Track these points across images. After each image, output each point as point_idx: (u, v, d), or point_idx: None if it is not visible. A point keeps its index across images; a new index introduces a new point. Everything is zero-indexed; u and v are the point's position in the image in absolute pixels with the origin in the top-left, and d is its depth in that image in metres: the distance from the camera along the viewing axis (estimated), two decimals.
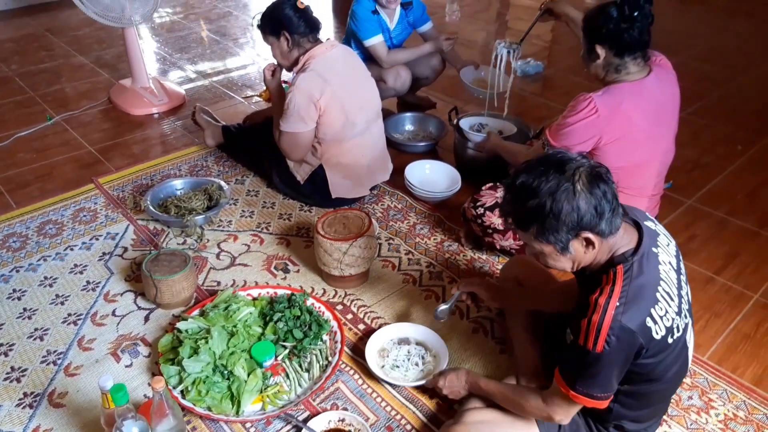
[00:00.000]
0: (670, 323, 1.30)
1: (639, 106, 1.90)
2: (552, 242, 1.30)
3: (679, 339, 1.35)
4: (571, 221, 1.26)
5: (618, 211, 1.29)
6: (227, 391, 1.74)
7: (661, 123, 1.99)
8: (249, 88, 3.75)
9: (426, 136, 3.17)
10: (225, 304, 1.98)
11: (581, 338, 1.28)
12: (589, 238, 1.28)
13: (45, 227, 2.47)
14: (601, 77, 1.98)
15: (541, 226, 1.29)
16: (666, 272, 1.34)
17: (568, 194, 1.24)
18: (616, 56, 1.90)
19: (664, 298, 1.30)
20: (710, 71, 4.16)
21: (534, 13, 5.33)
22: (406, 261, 2.34)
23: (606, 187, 1.26)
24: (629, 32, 1.85)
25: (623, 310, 1.25)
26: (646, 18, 1.87)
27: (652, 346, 1.29)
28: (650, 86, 1.92)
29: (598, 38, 1.90)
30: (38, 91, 3.64)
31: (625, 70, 1.92)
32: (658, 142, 2.01)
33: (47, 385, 1.82)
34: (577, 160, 1.29)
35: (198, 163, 2.92)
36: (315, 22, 2.40)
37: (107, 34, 4.41)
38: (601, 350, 1.25)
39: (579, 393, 1.33)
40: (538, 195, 1.26)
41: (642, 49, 1.90)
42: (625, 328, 1.25)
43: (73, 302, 2.11)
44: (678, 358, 1.39)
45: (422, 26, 3.21)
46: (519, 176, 1.31)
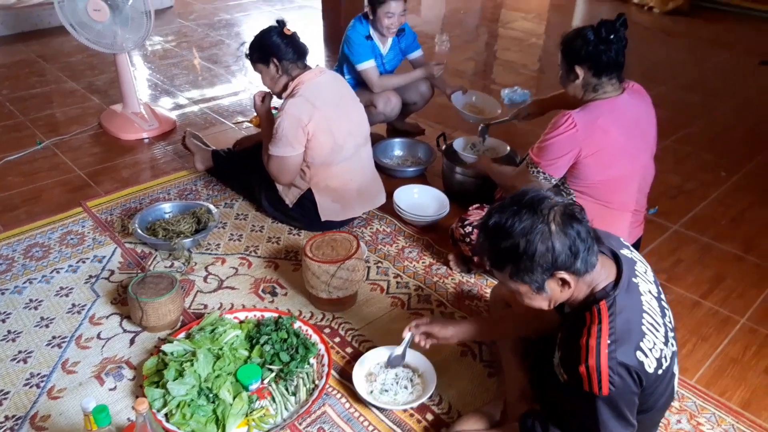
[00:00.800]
0: (659, 354, 1.28)
1: (615, 121, 1.99)
2: (527, 282, 1.29)
3: (668, 369, 1.33)
4: (545, 262, 1.24)
5: (593, 249, 1.27)
6: (212, 415, 1.72)
7: (637, 138, 2.06)
8: (240, 114, 3.78)
9: (415, 161, 3.20)
10: (211, 327, 1.96)
11: (585, 385, 1.25)
12: (565, 278, 1.27)
13: (32, 250, 2.45)
14: (579, 97, 2.07)
15: (515, 266, 1.27)
16: (648, 302, 1.32)
17: (542, 235, 1.23)
18: (594, 76, 2.00)
19: (650, 330, 1.28)
20: (693, 100, 4.25)
21: (523, 44, 5.45)
22: (394, 284, 2.34)
23: (580, 227, 1.25)
24: (607, 53, 1.95)
25: (616, 349, 1.23)
26: (621, 41, 1.97)
27: (648, 381, 1.27)
28: (624, 104, 2.02)
29: (577, 59, 2.00)
30: (29, 116, 3.64)
31: (602, 89, 2.02)
32: (636, 158, 2.08)
33: (30, 408, 1.79)
34: (550, 199, 1.28)
35: (187, 187, 2.92)
36: (302, 48, 2.44)
37: (99, 60, 4.45)
38: (608, 392, 1.23)
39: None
40: (512, 236, 1.25)
41: (617, 71, 2.00)
42: (624, 365, 1.23)
43: (58, 325, 2.09)
44: (667, 387, 1.37)
45: (413, 53, 3.27)
46: (492, 216, 1.29)
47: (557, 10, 6.74)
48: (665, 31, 6.02)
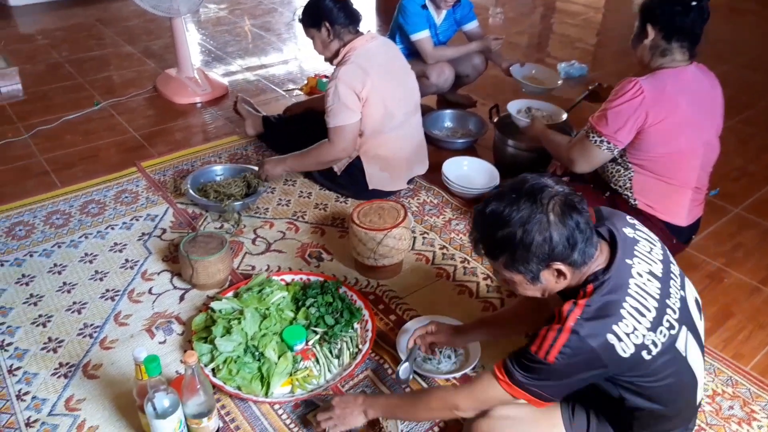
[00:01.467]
0: (640, 340, 1.21)
1: (683, 91, 1.93)
2: (522, 272, 1.25)
3: (664, 353, 1.25)
4: (542, 252, 1.20)
5: (592, 241, 1.23)
6: (257, 372, 1.75)
7: (703, 112, 1.99)
8: (290, 82, 3.79)
9: (465, 133, 3.15)
10: (259, 288, 1.99)
11: (535, 345, 1.23)
12: (560, 269, 1.23)
13: (88, 206, 2.53)
14: (647, 61, 2.00)
15: (511, 256, 1.23)
16: (640, 285, 1.25)
17: (540, 225, 1.19)
18: (664, 39, 1.93)
19: (631, 314, 1.21)
20: (758, 79, 4.05)
21: (580, 18, 5.28)
22: (440, 255, 2.32)
23: (579, 217, 1.21)
24: (681, 17, 1.88)
25: (582, 324, 1.19)
26: (702, 12, 1.88)
27: (621, 364, 1.22)
28: (692, 76, 1.96)
29: (651, 18, 1.94)
30: (87, 77, 3.73)
31: (670, 56, 1.95)
32: (701, 133, 2.01)
33: (82, 356, 1.85)
34: (551, 188, 1.23)
35: (238, 151, 2.95)
36: (355, 14, 2.41)
37: (156, 25, 4.51)
38: (552, 361, 1.20)
39: (517, 386, 1.27)
40: (509, 224, 1.21)
41: (689, 40, 1.92)
42: (583, 343, 1.19)
43: (112, 279, 2.15)
44: (671, 367, 1.28)
45: (468, 24, 3.19)
46: (490, 204, 1.25)
47: None
48: (731, 8, 5.71)
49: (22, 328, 1.95)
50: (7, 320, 1.97)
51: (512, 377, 1.28)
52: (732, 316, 2.08)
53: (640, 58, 2.03)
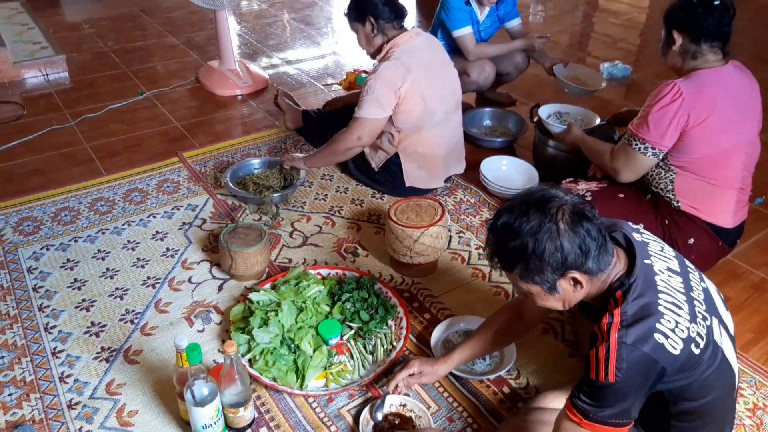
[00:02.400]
0: (686, 333, 1.20)
1: (721, 90, 1.91)
2: (538, 283, 1.25)
3: (708, 344, 1.25)
4: (555, 261, 1.20)
5: (606, 248, 1.23)
6: (293, 365, 1.77)
7: (744, 111, 1.97)
8: (330, 76, 3.80)
9: (504, 132, 3.13)
10: (296, 281, 2.01)
11: (592, 372, 1.21)
12: (576, 277, 1.23)
13: (131, 194, 2.59)
14: (679, 66, 1.99)
15: (525, 267, 1.24)
16: (665, 281, 1.25)
17: (551, 234, 1.19)
18: (692, 42, 1.92)
19: (669, 309, 1.21)
20: None
21: (623, 17, 5.18)
22: (476, 255, 2.31)
23: (590, 225, 1.21)
24: (705, 18, 1.87)
25: (626, 333, 1.17)
26: (727, 10, 1.88)
27: (676, 363, 1.20)
28: (729, 75, 1.94)
29: (675, 23, 1.94)
30: (131, 67, 3.81)
31: (702, 57, 1.94)
32: (742, 131, 1.98)
33: (124, 341, 1.90)
34: (559, 197, 1.23)
35: (277, 145, 2.98)
36: (400, 9, 2.40)
37: (198, 17, 4.58)
38: (614, 380, 1.18)
39: (592, 421, 1.23)
40: (520, 235, 1.21)
41: (719, 40, 1.90)
42: (635, 351, 1.17)
43: (153, 266, 2.20)
44: (712, 363, 1.27)
45: (511, 21, 3.16)
46: (501, 216, 1.26)
47: None
48: None
49: (66, 312, 2.00)
50: (52, 303, 2.04)
51: (587, 415, 1.25)
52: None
53: (672, 65, 2.02)
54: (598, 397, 1.22)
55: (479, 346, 1.71)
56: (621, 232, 1.33)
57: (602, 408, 1.22)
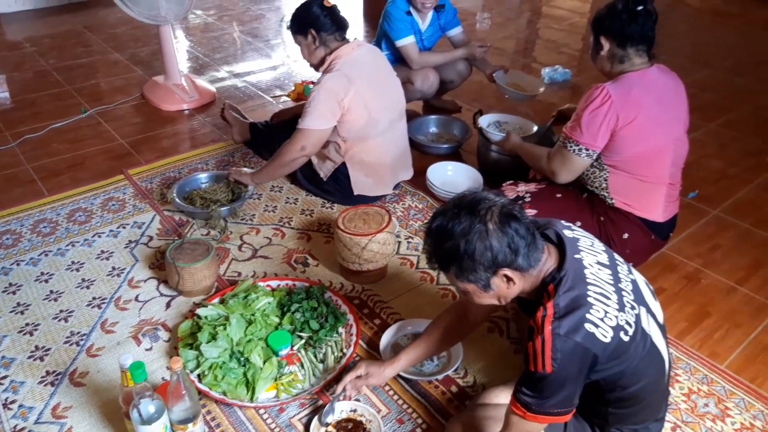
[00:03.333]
0: (615, 322, 1.27)
1: (648, 92, 2.00)
2: (473, 281, 1.32)
3: (636, 332, 1.32)
4: (486, 260, 1.27)
5: (535, 245, 1.30)
6: (243, 378, 1.78)
7: (671, 110, 2.07)
8: (278, 88, 3.82)
9: (450, 138, 3.19)
10: (244, 294, 2.02)
11: (531, 364, 1.27)
12: (507, 274, 1.30)
13: (75, 214, 2.55)
14: (608, 70, 2.09)
15: (459, 267, 1.30)
16: (595, 273, 1.32)
17: (480, 234, 1.26)
18: (618, 47, 2.02)
19: (598, 300, 1.28)
20: (742, 84, 4.11)
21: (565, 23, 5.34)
22: (424, 259, 2.34)
23: (518, 225, 1.28)
24: (630, 24, 1.97)
25: (559, 324, 1.24)
26: (650, 15, 1.98)
27: (607, 351, 1.26)
28: (654, 76, 2.04)
29: (602, 30, 2.04)
30: (74, 85, 3.75)
31: (629, 61, 2.03)
32: (670, 130, 2.07)
33: (69, 364, 1.87)
34: (489, 199, 1.30)
35: (225, 158, 2.98)
36: (342, 21, 2.44)
37: (143, 32, 4.53)
38: (551, 370, 1.24)
39: (535, 413, 1.30)
40: (452, 237, 1.28)
41: (644, 43, 2.00)
42: (568, 341, 1.23)
43: (98, 287, 2.17)
44: (642, 350, 1.34)
45: (452, 30, 3.23)
46: (435, 219, 1.33)
47: None
48: (716, 12, 5.81)
49: (9, 337, 1.96)
50: None
51: (530, 408, 1.30)
52: (708, 315, 2.13)
53: (601, 69, 2.12)
54: (538, 389, 1.28)
55: (426, 348, 1.75)
56: (553, 230, 1.40)
57: (543, 399, 1.28)
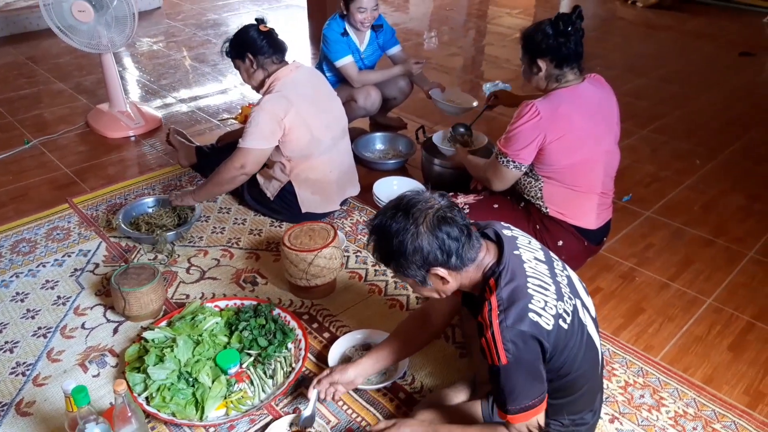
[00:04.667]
0: (554, 311, 1.35)
1: (577, 107, 2.08)
2: (410, 276, 1.40)
3: (573, 320, 1.40)
4: (417, 260, 1.36)
5: (470, 245, 1.37)
6: (191, 398, 1.78)
7: (600, 123, 2.14)
8: (225, 111, 3.84)
9: (396, 154, 3.27)
10: (192, 315, 2.03)
11: (488, 359, 1.34)
12: (439, 273, 1.38)
13: (19, 245, 2.51)
14: (543, 88, 2.16)
15: (395, 263, 1.39)
16: (533, 267, 1.40)
17: (411, 236, 1.34)
18: (556, 68, 2.09)
19: (537, 291, 1.35)
20: (673, 91, 4.32)
21: (508, 40, 5.51)
22: (372, 272, 2.41)
23: (449, 228, 1.34)
24: (566, 45, 2.04)
25: (505, 317, 1.31)
26: (578, 32, 2.06)
27: (550, 338, 1.33)
28: (585, 91, 2.11)
29: (539, 53, 2.09)
30: (17, 116, 3.70)
31: (564, 79, 2.11)
32: (600, 142, 2.16)
33: (15, 395, 1.85)
34: (425, 202, 1.37)
35: (172, 182, 2.98)
36: (280, 44, 2.49)
37: (87, 61, 4.50)
38: (506, 361, 1.30)
39: (515, 413, 1.36)
40: (388, 236, 1.37)
41: (577, 60, 2.09)
42: (516, 331, 1.30)
43: (44, 316, 2.15)
44: (581, 339, 1.42)
45: (391, 48, 3.33)
46: (377, 218, 1.41)
47: (543, 5, 6.81)
48: (648, 24, 6.09)
49: None
50: None
51: (508, 410, 1.36)
52: (643, 311, 2.23)
53: (536, 87, 2.19)
54: (504, 385, 1.33)
55: (389, 352, 1.77)
56: (492, 229, 1.48)
57: (514, 394, 1.34)
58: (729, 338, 2.12)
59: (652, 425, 1.79)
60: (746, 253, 2.57)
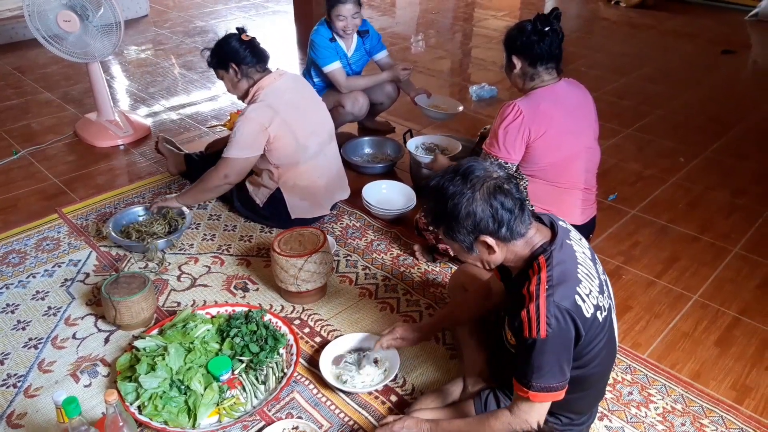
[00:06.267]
0: (596, 301, 1.39)
1: (556, 105, 2.13)
2: (458, 241, 1.43)
3: (607, 318, 1.43)
4: (468, 225, 1.38)
5: (522, 220, 1.40)
6: (184, 405, 1.79)
7: (579, 121, 2.20)
8: (214, 118, 3.85)
9: (384, 158, 3.29)
10: (183, 323, 2.03)
11: (525, 330, 1.35)
12: (487, 242, 1.40)
13: (8, 257, 2.51)
14: (521, 86, 2.21)
15: (446, 226, 1.42)
16: (582, 258, 1.44)
17: (467, 200, 1.37)
18: (530, 66, 2.14)
19: (585, 277, 1.40)
20: (656, 90, 4.36)
21: (494, 42, 5.53)
22: (363, 276, 2.42)
23: (504, 199, 1.37)
24: (539, 44, 2.09)
25: (553, 292, 1.34)
26: (556, 33, 2.11)
27: (585, 325, 1.36)
28: (562, 90, 2.17)
29: (514, 50, 2.16)
30: (4, 127, 3.69)
31: (539, 78, 2.15)
32: (580, 138, 2.20)
33: (6, 407, 1.85)
34: (485, 170, 1.40)
35: (162, 190, 2.99)
36: (262, 53, 2.51)
37: (74, 70, 4.50)
38: (545, 335, 1.33)
39: (537, 390, 1.37)
40: (443, 198, 1.39)
41: (553, 61, 2.13)
42: (560, 307, 1.33)
43: (34, 327, 2.15)
44: (606, 336, 1.45)
45: (378, 54, 3.35)
46: (435, 179, 1.44)
47: (528, 7, 6.84)
48: (631, 24, 6.15)
49: None
50: None
51: (530, 385, 1.38)
52: (630, 309, 2.26)
53: (514, 85, 2.24)
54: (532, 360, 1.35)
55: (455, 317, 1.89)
56: (548, 216, 1.52)
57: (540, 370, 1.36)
58: (715, 334, 2.16)
59: (641, 422, 1.82)
60: (731, 249, 2.60)
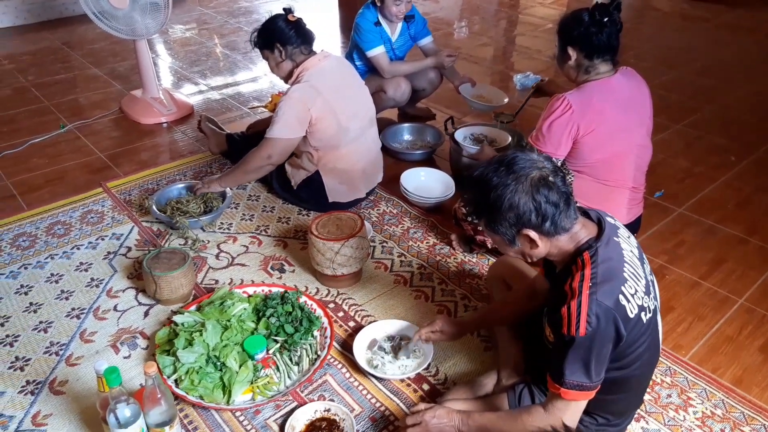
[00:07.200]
0: (641, 302, 1.35)
1: (608, 99, 2.04)
2: (500, 233, 1.39)
3: (651, 320, 1.39)
4: (511, 217, 1.34)
5: (567, 214, 1.35)
6: (219, 381, 1.82)
7: (631, 116, 2.11)
8: (255, 99, 3.87)
9: (423, 145, 3.26)
10: (220, 301, 2.06)
11: (564, 327, 1.31)
12: (530, 235, 1.35)
13: (54, 228, 2.58)
14: (573, 78, 2.13)
15: (489, 217, 1.38)
16: (629, 256, 1.39)
17: (510, 192, 1.32)
18: (586, 58, 2.05)
19: (631, 277, 1.35)
20: (707, 85, 4.22)
21: (540, 30, 5.44)
22: (398, 263, 2.41)
23: (549, 192, 1.32)
24: (598, 36, 2.00)
25: (596, 290, 1.30)
26: (615, 24, 2.01)
27: (628, 326, 1.32)
28: (617, 83, 2.07)
29: (570, 40, 2.06)
30: (53, 100, 3.78)
31: (594, 71, 2.07)
32: (632, 135, 2.12)
33: (49, 373, 1.90)
34: (532, 162, 1.35)
35: (203, 169, 3.02)
36: (308, 34, 2.50)
37: (121, 47, 4.57)
38: (584, 333, 1.29)
39: (569, 387, 1.34)
40: (487, 188, 1.35)
41: (610, 53, 2.04)
42: (602, 306, 1.29)
43: (77, 297, 2.20)
44: (650, 338, 1.41)
45: (423, 39, 3.31)
46: (479, 168, 1.40)
47: None
48: (684, 16, 5.95)
49: None
50: None
51: (564, 382, 1.35)
52: (672, 310, 2.20)
53: (567, 76, 2.16)
54: (569, 358, 1.32)
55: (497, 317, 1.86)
56: (596, 212, 1.47)
57: (575, 369, 1.33)
58: (760, 339, 2.09)
59: (678, 425, 1.77)
60: None
